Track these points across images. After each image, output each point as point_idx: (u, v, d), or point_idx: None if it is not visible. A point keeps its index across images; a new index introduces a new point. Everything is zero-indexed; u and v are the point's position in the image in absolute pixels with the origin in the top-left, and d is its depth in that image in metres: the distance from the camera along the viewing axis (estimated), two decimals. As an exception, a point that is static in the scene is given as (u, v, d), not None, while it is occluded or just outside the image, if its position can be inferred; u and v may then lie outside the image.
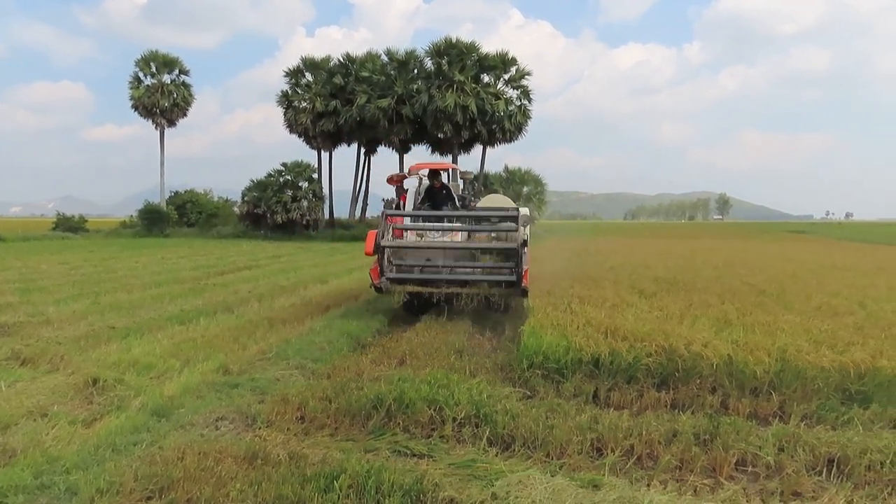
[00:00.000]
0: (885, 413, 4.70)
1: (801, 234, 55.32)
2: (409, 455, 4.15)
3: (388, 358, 6.54)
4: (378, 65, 36.05)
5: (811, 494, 3.61)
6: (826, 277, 12.72)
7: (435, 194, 10.28)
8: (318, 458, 3.95)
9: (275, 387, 5.55)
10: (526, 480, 3.48)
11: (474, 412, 4.58)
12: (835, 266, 16.60)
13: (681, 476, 3.85)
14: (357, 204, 41.44)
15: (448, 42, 34.58)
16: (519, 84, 35.51)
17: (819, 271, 14.39)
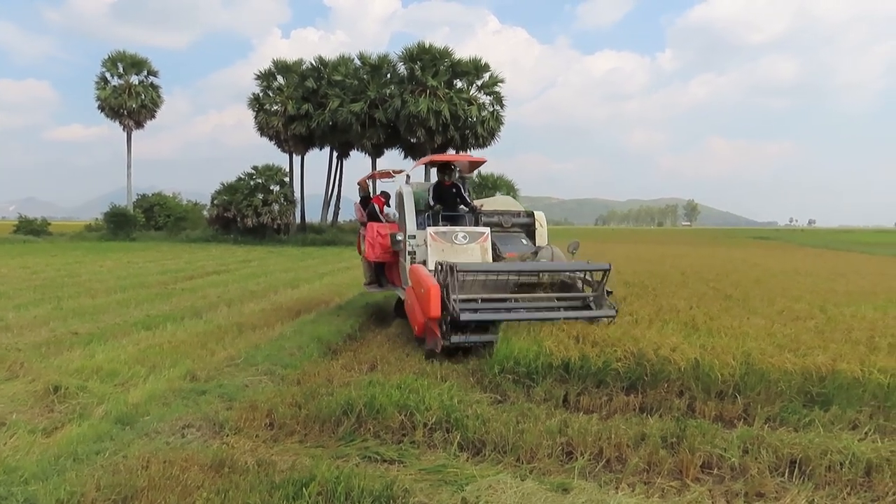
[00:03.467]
0: (844, 415, 4.82)
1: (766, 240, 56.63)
2: (380, 461, 4.13)
3: (359, 363, 6.51)
4: (351, 68, 35.91)
5: (774, 495, 3.68)
6: (789, 283, 13.04)
7: (444, 194, 8.60)
8: (287, 464, 3.91)
9: (243, 393, 5.47)
10: (496, 485, 3.49)
11: (445, 417, 4.58)
12: (797, 271, 17.03)
13: (648, 478, 3.90)
14: (329, 208, 41.17)
15: (421, 47, 34.63)
16: (492, 90, 35.70)
17: (782, 277, 14.75)
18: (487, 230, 7.94)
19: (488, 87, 35.68)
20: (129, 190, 40.18)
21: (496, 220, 8.78)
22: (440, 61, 34.59)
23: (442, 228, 7.85)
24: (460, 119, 33.81)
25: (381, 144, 36.56)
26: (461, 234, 7.74)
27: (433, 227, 7.80)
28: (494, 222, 8.72)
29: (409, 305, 7.23)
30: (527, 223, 9.10)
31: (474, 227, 8.08)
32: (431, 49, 34.61)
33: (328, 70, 36.16)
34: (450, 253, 7.43)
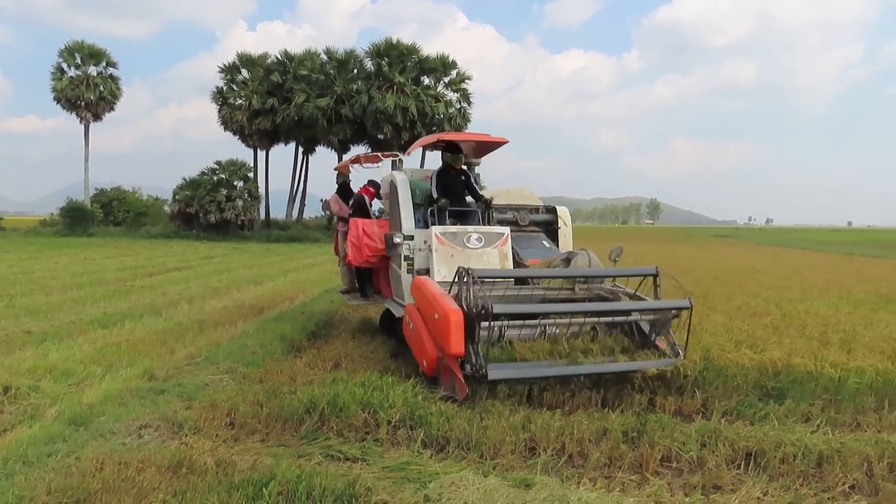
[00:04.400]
0: (797, 408, 4.96)
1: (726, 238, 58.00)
2: (343, 459, 4.09)
3: (323, 361, 6.45)
4: (317, 63, 35.51)
5: (730, 487, 3.77)
6: (747, 280, 13.38)
7: (452, 183, 6.99)
8: (247, 464, 3.84)
9: (203, 392, 5.37)
10: (459, 482, 3.49)
11: (409, 414, 4.57)
12: (755, 269, 17.49)
13: (609, 473, 3.95)
14: (294, 204, 40.69)
15: (388, 43, 34.44)
16: (459, 87, 35.73)
17: (741, 274, 15.13)
18: (507, 231, 6.57)
19: (456, 85, 35.70)
20: (86, 184, 39.03)
21: (510, 217, 7.34)
22: (408, 57, 34.47)
23: (451, 228, 6.40)
24: (427, 116, 33.74)
25: (347, 140, 36.26)
26: (475, 236, 6.34)
27: (439, 227, 6.37)
28: (508, 219, 7.28)
29: (412, 333, 5.62)
30: (547, 220, 7.64)
31: (490, 227, 6.63)
32: (399, 45, 34.45)
33: (294, 64, 35.68)
34: (461, 259, 6.07)
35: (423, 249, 6.44)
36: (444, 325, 4.86)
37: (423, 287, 5.51)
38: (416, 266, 6.43)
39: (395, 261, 6.85)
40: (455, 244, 6.27)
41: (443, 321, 4.88)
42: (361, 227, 7.34)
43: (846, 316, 8.57)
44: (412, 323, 5.61)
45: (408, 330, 5.79)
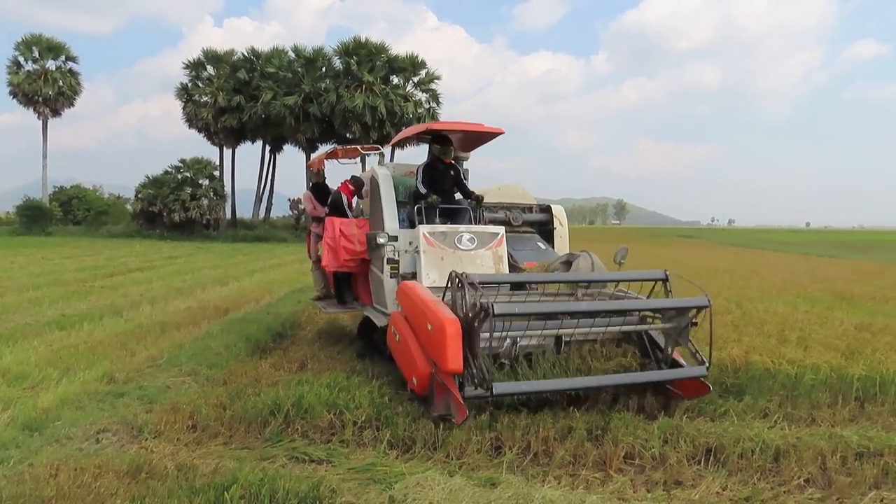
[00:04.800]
0: (756, 404, 5.08)
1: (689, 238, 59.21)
2: (308, 461, 4.05)
3: (289, 362, 6.37)
4: (285, 61, 35.12)
5: (691, 483, 3.84)
6: (709, 279, 13.67)
7: (440, 179, 6.39)
8: (209, 468, 3.78)
9: (165, 395, 5.26)
10: (424, 482, 3.49)
11: (375, 415, 4.56)
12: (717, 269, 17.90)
13: (574, 471, 3.99)
14: (261, 203, 40.17)
15: (357, 42, 34.26)
16: (428, 87, 35.74)
17: (703, 273, 15.45)
18: (502, 230, 6.09)
19: (425, 84, 35.71)
20: (44, 182, 37.88)
21: (502, 217, 6.88)
22: (377, 56, 34.34)
23: (441, 227, 5.85)
24: (396, 115, 33.65)
25: (315, 139, 35.94)
26: (467, 236, 5.81)
27: (427, 226, 5.81)
28: (500, 219, 6.81)
29: (398, 346, 5.04)
30: (542, 220, 7.19)
31: (484, 227, 6.15)
32: (368, 44, 34.30)
33: (261, 62, 35.23)
34: (452, 262, 5.52)
35: (408, 251, 5.91)
36: (438, 338, 4.26)
37: (412, 293, 4.88)
38: (400, 270, 5.90)
39: (376, 264, 6.26)
40: (445, 245, 5.73)
41: (437, 332, 4.28)
42: (338, 228, 6.68)
43: (803, 314, 8.82)
44: (399, 334, 4.99)
45: (393, 342, 5.15)
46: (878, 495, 3.65)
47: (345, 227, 6.71)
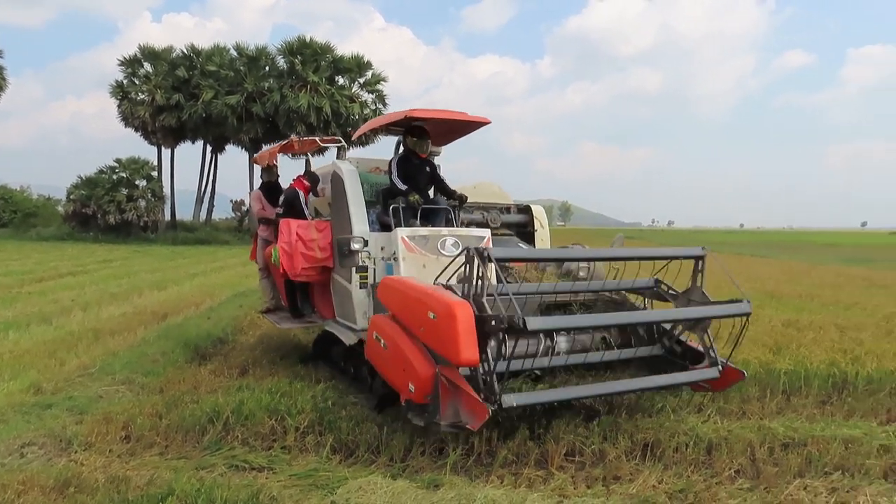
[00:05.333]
0: (691, 399, 5.26)
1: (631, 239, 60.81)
2: (248, 469, 3.97)
3: (230, 368, 6.22)
4: (226, 59, 34.24)
5: (629, 477, 3.94)
6: (649, 279, 14.09)
7: (415, 175, 5.81)
8: (143, 480, 3.65)
9: (96, 405, 5.05)
10: (367, 486, 3.47)
11: (318, 420, 4.50)
12: (657, 269, 18.46)
13: (517, 470, 4.04)
14: (203, 205, 39.03)
15: (302, 41, 33.74)
16: (374, 88, 35.53)
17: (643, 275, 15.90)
18: (487, 233, 5.60)
19: (371, 85, 35.47)
20: (-35, 182, 35.76)
21: (479, 218, 6.47)
22: (322, 56, 33.91)
23: (421, 230, 5.26)
24: (342, 116, 33.32)
25: (259, 139, 35.17)
26: (450, 241, 5.23)
27: (406, 229, 5.22)
28: (477, 220, 6.44)
29: (385, 353, 4.30)
30: (521, 221, 6.81)
31: (467, 230, 5.64)
32: (313, 44, 33.83)
33: (202, 59, 34.24)
34: (434, 270, 4.62)
35: (384, 258, 5.31)
36: (446, 325, 3.60)
37: (401, 285, 4.32)
38: (371, 279, 5.30)
39: (341, 273, 5.61)
40: (427, 251, 5.10)
41: (444, 319, 3.63)
42: (295, 232, 5.86)
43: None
44: (384, 339, 4.29)
45: (377, 351, 4.41)
46: (801, 483, 3.83)
47: (302, 231, 5.89)
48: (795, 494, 3.68)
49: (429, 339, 3.88)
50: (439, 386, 3.78)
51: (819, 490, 3.75)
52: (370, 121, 6.51)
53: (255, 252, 7.44)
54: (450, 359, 3.69)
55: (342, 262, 5.58)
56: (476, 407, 3.60)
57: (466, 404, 3.68)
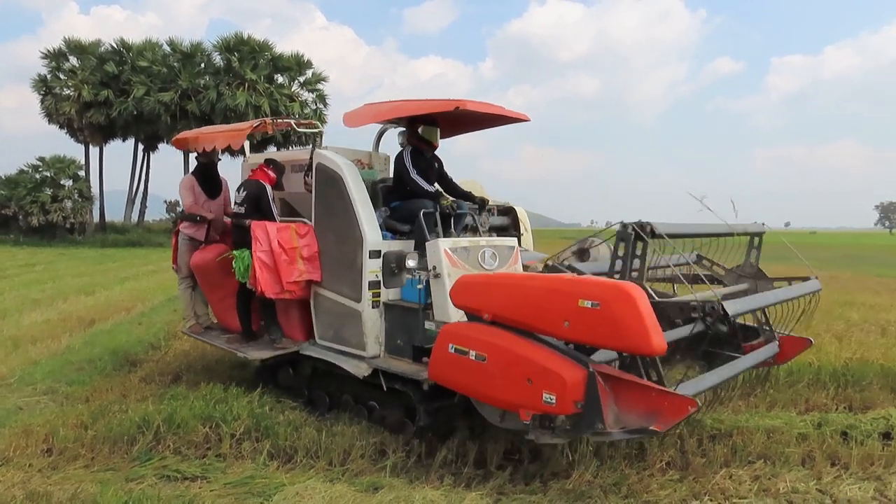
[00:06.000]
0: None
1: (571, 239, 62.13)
2: (180, 479, 3.85)
3: (161, 375, 6.01)
4: (159, 55, 33.01)
5: (565, 473, 4.03)
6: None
7: (427, 168, 5.21)
8: (66, 494, 3.48)
9: (15, 417, 4.78)
10: (304, 491, 3.42)
11: (255, 426, 4.40)
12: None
13: (456, 469, 4.08)
14: (134, 206, 37.52)
15: (239, 38, 32.90)
16: (315, 87, 35.01)
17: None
18: (516, 242, 5.13)
19: (311, 85, 34.94)
20: None
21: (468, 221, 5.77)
22: (260, 54, 33.16)
23: (462, 241, 4.62)
24: (281, 115, 32.71)
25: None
26: (489, 252, 4.69)
27: (447, 240, 4.51)
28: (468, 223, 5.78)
29: (479, 366, 3.59)
30: (503, 224, 6.22)
31: (500, 239, 5.03)
32: (250, 41, 33.04)
33: (133, 54, 32.89)
34: None
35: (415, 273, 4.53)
36: (621, 311, 3.12)
37: (507, 280, 3.86)
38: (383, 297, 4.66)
39: (336, 289, 4.82)
40: (469, 264, 4.49)
41: (615, 304, 3.14)
42: (277, 239, 4.84)
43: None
44: (476, 350, 3.59)
45: (464, 367, 3.65)
46: (727, 472, 4.01)
47: (283, 237, 4.87)
48: (721, 483, 3.85)
49: (583, 334, 3.33)
50: (597, 388, 3.25)
51: (743, 478, 3.93)
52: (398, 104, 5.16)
53: (177, 255, 6.10)
54: (631, 349, 3.30)
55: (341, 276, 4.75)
56: (673, 402, 3.17)
57: (641, 403, 3.24)
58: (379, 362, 4.57)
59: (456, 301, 3.96)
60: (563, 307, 3.33)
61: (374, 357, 4.64)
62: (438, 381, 3.94)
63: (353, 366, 4.66)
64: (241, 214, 5.22)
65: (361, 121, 5.18)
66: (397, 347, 4.60)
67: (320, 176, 4.92)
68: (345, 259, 4.74)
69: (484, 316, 3.70)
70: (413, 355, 4.49)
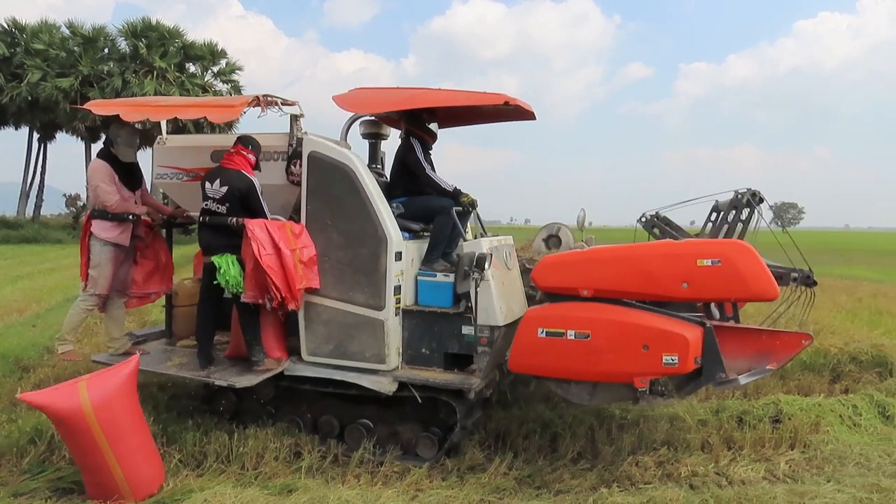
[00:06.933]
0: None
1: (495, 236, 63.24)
2: (78, 491, 3.61)
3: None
4: (57, 38, 30.81)
5: (482, 467, 4.10)
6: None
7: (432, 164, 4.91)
8: (-56, 513, 3.20)
9: None
10: (213, 497, 3.29)
11: (161, 432, 4.19)
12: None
13: (373, 468, 4.06)
14: (29, 200, 34.92)
15: (147, 23, 31.23)
16: (229, 78, 33.77)
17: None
18: (512, 240, 5.09)
19: (225, 75, 33.64)
20: None
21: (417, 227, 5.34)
22: (170, 41, 31.58)
23: (493, 241, 4.53)
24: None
25: (97, 128, 32.08)
26: (507, 250, 4.68)
27: (487, 240, 4.45)
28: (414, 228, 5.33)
29: (583, 346, 3.69)
30: None
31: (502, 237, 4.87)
32: (159, 27, 31.42)
33: (27, 36, 30.56)
34: (510, 289, 4.46)
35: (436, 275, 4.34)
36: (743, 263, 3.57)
37: (607, 253, 3.96)
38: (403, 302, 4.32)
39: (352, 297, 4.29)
40: (500, 265, 4.42)
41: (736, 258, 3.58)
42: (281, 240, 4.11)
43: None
44: (578, 330, 3.68)
45: (565, 351, 3.71)
46: (634, 459, 4.20)
47: (283, 238, 4.15)
48: (628, 470, 4.04)
49: (704, 291, 3.66)
50: (715, 342, 3.62)
51: (648, 464, 4.13)
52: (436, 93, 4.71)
53: (86, 262, 4.79)
54: (755, 297, 3.67)
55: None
56: (779, 342, 3.67)
57: (752, 347, 3.72)
58: (403, 374, 4.19)
59: (543, 283, 3.98)
60: (680, 270, 3.61)
61: (395, 370, 4.24)
62: (523, 370, 4.01)
63: (371, 381, 4.15)
64: (221, 213, 4.29)
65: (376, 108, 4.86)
66: (422, 357, 4.28)
67: (317, 167, 4.31)
68: (359, 263, 4.23)
69: (583, 293, 3.78)
70: (444, 364, 4.24)
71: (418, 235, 4.68)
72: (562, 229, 5.71)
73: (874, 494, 3.54)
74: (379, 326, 4.20)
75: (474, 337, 4.10)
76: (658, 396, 3.79)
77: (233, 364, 4.56)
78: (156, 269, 5.07)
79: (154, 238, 5.10)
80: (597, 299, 3.78)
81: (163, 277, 5.12)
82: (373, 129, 5.36)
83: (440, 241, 4.48)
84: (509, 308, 4.23)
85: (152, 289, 5.08)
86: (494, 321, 4.09)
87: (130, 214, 4.71)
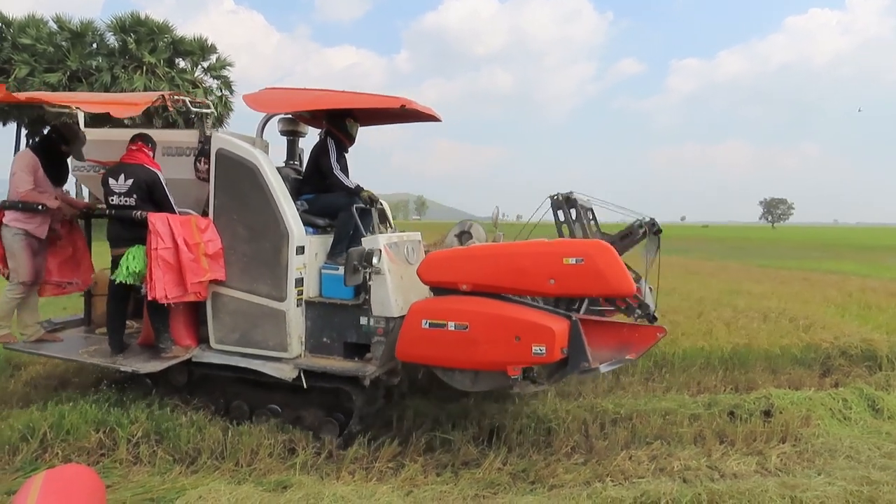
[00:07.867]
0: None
1: (483, 232, 63.31)
2: (71, 489, 3.58)
3: (49, 378, 5.58)
4: (45, 32, 30.51)
5: (476, 462, 4.11)
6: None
7: (346, 164, 5.12)
8: (-65, 513, 3.17)
9: None
10: (208, 494, 3.28)
11: (154, 429, 4.17)
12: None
13: (368, 464, 4.06)
14: (17, 195, 34.60)
15: (136, 18, 30.99)
16: (220, 74, 33.55)
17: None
18: (420, 236, 5.27)
19: (216, 71, 33.41)
20: None
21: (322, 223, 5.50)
22: (159, 36, 31.35)
23: (393, 237, 4.73)
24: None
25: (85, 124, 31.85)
26: (408, 246, 4.82)
27: (384, 236, 4.61)
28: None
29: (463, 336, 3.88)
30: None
31: (407, 234, 5.08)
32: (148, 21, 31.18)
33: (14, 30, 30.24)
34: (408, 283, 4.51)
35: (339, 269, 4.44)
36: (603, 262, 3.84)
37: (485, 251, 4.21)
38: (305, 294, 4.46)
39: (251, 287, 4.44)
40: (399, 260, 4.56)
41: (596, 258, 3.84)
42: (181, 235, 4.28)
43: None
44: (457, 321, 3.87)
45: (446, 340, 3.90)
46: (627, 453, 4.23)
47: (186, 231, 4.32)
48: (622, 464, 4.06)
49: (569, 288, 3.91)
50: (580, 334, 3.80)
51: (642, 458, 4.16)
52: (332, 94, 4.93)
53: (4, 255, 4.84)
54: (614, 294, 4.01)
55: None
56: (637, 335, 3.96)
57: (614, 339, 3.97)
58: (304, 362, 4.35)
59: (427, 278, 4.20)
60: (548, 267, 3.88)
61: (297, 357, 4.41)
62: (409, 359, 4.17)
63: (273, 368, 4.34)
64: (128, 206, 4.45)
65: (281, 107, 5.04)
66: (323, 346, 4.44)
67: (224, 164, 4.46)
68: (262, 256, 4.40)
69: (462, 287, 4.01)
70: (344, 353, 4.39)
71: (324, 231, 4.82)
72: (474, 226, 5.88)
73: (864, 487, 3.58)
74: (281, 316, 4.38)
75: (370, 327, 4.30)
76: (531, 383, 3.99)
77: (142, 351, 4.75)
78: (71, 258, 5.18)
79: (70, 229, 5.21)
80: (476, 293, 4.01)
81: (79, 266, 5.22)
82: (290, 127, 5.54)
83: (343, 236, 4.68)
84: (406, 300, 4.31)
85: (67, 277, 5.15)
86: (390, 312, 4.27)
87: (40, 205, 4.75)
